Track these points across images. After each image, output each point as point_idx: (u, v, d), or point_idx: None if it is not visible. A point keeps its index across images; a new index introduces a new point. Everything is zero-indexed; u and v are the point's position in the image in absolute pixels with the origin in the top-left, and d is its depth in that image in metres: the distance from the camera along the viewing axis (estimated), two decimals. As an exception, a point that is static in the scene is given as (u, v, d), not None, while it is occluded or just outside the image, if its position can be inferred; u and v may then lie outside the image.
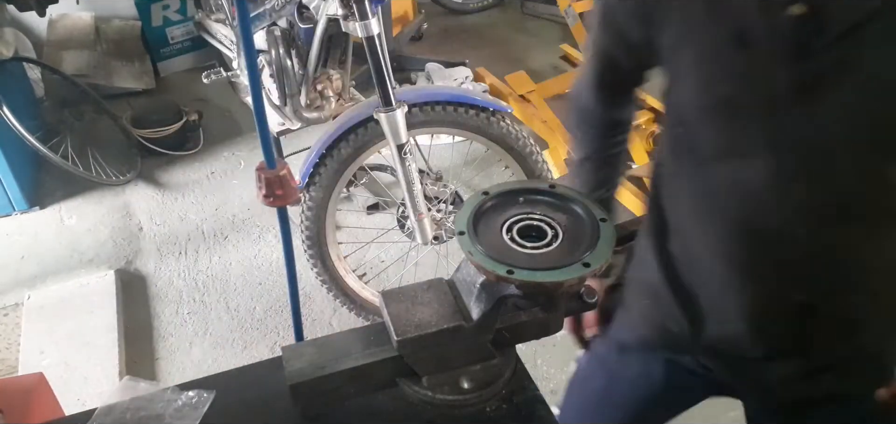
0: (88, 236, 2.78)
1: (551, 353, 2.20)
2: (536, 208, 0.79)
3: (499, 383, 0.85)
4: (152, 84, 3.78)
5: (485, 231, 0.76)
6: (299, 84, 2.32)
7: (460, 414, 0.84)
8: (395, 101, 1.80)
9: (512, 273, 0.70)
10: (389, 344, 0.80)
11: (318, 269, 2.17)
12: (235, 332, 2.34)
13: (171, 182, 3.09)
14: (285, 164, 1.40)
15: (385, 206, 2.76)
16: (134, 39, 3.79)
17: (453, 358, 0.83)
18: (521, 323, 0.82)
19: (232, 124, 3.47)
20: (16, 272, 2.62)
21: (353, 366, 0.80)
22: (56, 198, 2.98)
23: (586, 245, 0.73)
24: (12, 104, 2.68)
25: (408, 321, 0.79)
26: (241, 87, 2.79)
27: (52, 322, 2.32)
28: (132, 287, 2.53)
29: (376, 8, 1.77)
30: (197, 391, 0.88)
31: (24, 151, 2.78)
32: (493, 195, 0.81)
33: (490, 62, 3.77)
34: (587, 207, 0.79)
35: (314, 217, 2.05)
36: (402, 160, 1.85)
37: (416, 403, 0.83)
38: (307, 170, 2.00)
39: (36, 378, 1.59)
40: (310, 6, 2.09)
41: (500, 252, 0.73)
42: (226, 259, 2.64)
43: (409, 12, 4.19)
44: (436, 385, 0.82)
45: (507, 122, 2.02)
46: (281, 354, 0.82)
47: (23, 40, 3.35)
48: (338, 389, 0.81)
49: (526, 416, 0.86)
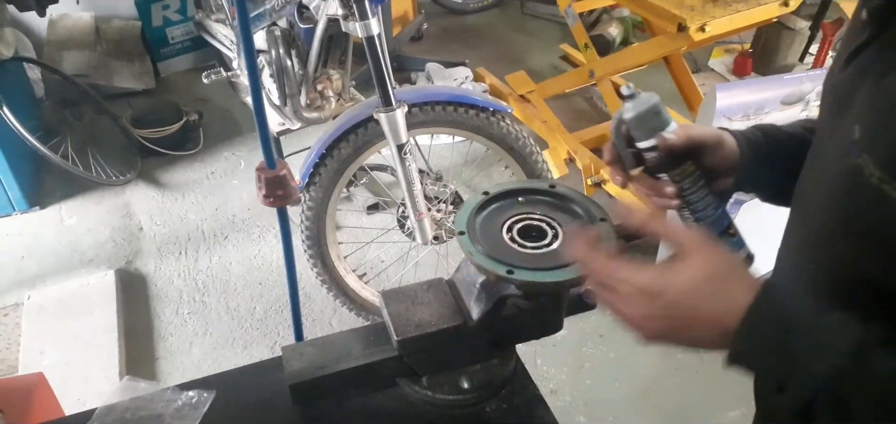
0: (88, 237, 2.78)
1: (551, 353, 2.20)
2: (536, 208, 0.80)
3: (498, 383, 0.85)
4: (152, 84, 3.78)
5: (485, 231, 0.76)
6: (299, 84, 2.32)
7: (460, 414, 0.84)
8: (395, 101, 1.80)
9: (512, 273, 0.70)
10: (389, 344, 0.80)
11: (318, 269, 2.17)
12: (235, 332, 2.35)
13: (172, 182, 3.09)
14: (285, 164, 1.40)
15: (385, 206, 2.76)
16: (134, 39, 3.79)
17: (453, 358, 0.83)
18: (521, 323, 0.82)
19: (232, 124, 3.47)
20: (16, 272, 2.61)
21: (353, 366, 0.80)
22: (56, 198, 2.98)
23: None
24: (12, 104, 2.68)
25: (408, 320, 0.79)
26: (241, 87, 2.79)
27: (53, 322, 2.32)
28: (132, 287, 2.53)
29: (376, 8, 1.77)
30: (197, 391, 0.88)
31: (24, 151, 2.78)
32: (493, 195, 0.81)
33: (490, 62, 3.77)
34: (587, 207, 0.79)
35: (314, 217, 2.05)
36: (402, 160, 1.85)
37: (416, 403, 0.83)
38: (307, 170, 2.00)
39: (36, 377, 1.60)
40: (310, 6, 2.09)
41: (500, 252, 0.73)
42: (226, 259, 2.64)
43: (409, 12, 4.19)
44: (436, 384, 0.83)
45: (507, 122, 2.02)
46: (281, 354, 0.83)
47: (23, 40, 3.35)
48: (338, 389, 0.81)
49: (526, 416, 0.86)
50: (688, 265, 0.61)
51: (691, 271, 0.61)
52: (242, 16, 1.23)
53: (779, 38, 3.42)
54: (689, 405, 2.05)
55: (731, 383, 2.08)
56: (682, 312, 0.61)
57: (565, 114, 3.38)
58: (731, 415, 1.99)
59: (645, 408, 2.05)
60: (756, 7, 2.40)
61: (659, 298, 0.61)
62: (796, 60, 3.48)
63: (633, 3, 2.69)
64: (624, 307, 0.64)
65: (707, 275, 0.60)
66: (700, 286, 0.60)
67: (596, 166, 2.74)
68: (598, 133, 3.08)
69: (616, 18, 4.04)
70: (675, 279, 0.61)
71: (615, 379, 2.13)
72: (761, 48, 3.53)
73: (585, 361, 2.19)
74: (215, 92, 3.53)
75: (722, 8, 2.38)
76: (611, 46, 3.90)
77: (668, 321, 0.61)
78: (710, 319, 0.60)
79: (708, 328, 0.60)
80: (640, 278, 0.62)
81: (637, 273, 0.63)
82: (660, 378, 2.13)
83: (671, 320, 0.61)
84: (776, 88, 2.07)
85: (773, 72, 3.43)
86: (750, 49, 3.60)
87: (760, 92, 2.06)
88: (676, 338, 0.63)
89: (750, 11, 2.39)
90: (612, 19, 4.04)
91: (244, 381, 0.92)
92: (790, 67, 3.47)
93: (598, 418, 2.03)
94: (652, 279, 0.62)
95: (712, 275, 0.60)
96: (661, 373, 2.14)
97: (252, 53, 1.27)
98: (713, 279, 0.60)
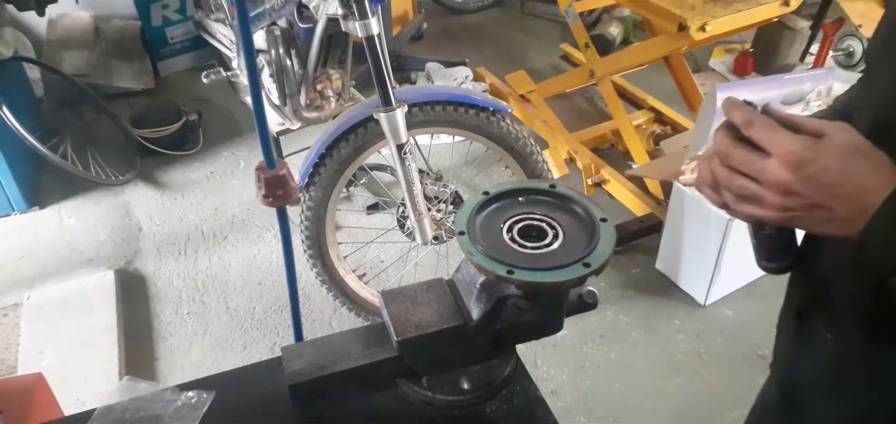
0: (88, 237, 2.78)
1: (551, 353, 2.20)
2: (537, 208, 0.79)
3: (499, 383, 0.85)
4: (152, 84, 3.78)
5: (485, 231, 0.76)
6: (299, 84, 2.32)
7: (460, 415, 0.84)
8: (394, 100, 1.80)
9: (512, 273, 0.70)
10: (389, 344, 0.80)
11: (318, 269, 2.16)
12: (235, 332, 2.34)
13: (171, 182, 3.09)
14: (285, 164, 1.40)
15: (385, 206, 2.76)
16: (133, 39, 3.79)
17: (453, 358, 0.82)
18: (522, 323, 0.82)
19: (231, 124, 3.47)
20: (15, 272, 2.61)
21: (352, 366, 0.80)
22: (55, 198, 2.98)
23: (587, 245, 0.73)
24: (12, 104, 2.67)
25: (408, 321, 0.79)
26: (240, 86, 2.79)
27: (52, 323, 2.32)
28: (131, 288, 2.53)
29: (376, 7, 1.77)
30: (196, 391, 0.88)
31: (23, 151, 2.77)
32: (493, 195, 0.80)
33: (490, 62, 3.77)
34: (587, 207, 0.79)
35: (314, 217, 2.05)
36: (402, 160, 1.85)
37: (416, 403, 0.83)
38: (307, 170, 2.00)
39: (35, 378, 1.59)
40: (310, 6, 2.09)
41: (500, 252, 0.72)
42: (225, 259, 2.64)
43: (408, 12, 4.19)
44: (436, 385, 0.82)
45: (507, 121, 2.02)
46: (280, 354, 0.82)
47: (22, 40, 3.35)
48: (337, 389, 0.81)
49: (526, 417, 0.85)
50: (836, 137, 0.60)
51: (840, 141, 0.60)
52: (242, 15, 1.23)
53: (779, 38, 3.42)
54: (690, 405, 2.04)
55: (731, 384, 2.08)
56: (829, 179, 0.59)
57: (565, 114, 3.37)
58: (731, 415, 1.99)
59: (645, 409, 2.05)
60: (757, 7, 2.40)
61: (809, 165, 0.60)
62: (797, 60, 3.48)
63: (633, 3, 2.68)
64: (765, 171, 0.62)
65: (855, 147, 0.60)
66: (850, 155, 0.59)
67: (596, 166, 2.74)
68: (599, 133, 3.08)
69: (616, 18, 4.04)
70: (825, 146, 0.59)
71: (616, 380, 2.13)
72: (762, 48, 3.53)
73: (586, 361, 2.19)
74: (215, 92, 3.53)
75: (722, 7, 2.37)
76: (611, 46, 3.90)
77: (811, 191, 0.60)
78: (854, 191, 0.59)
79: (846, 204, 0.60)
80: (792, 141, 0.60)
81: (790, 136, 0.61)
82: (660, 379, 2.12)
83: (814, 190, 0.60)
84: (777, 87, 2.07)
85: (773, 71, 3.43)
86: (750, 49, 3.59)
87: (761, 92, 2.06)
88: (806, 216, 0.62)
89: (750, 11, 2.38)
90: (613, 19, 4.04)
91: (244, 381, 0.92)
92: (791, 66, 3.47)
93: (598, 418, 2.02)
94: (804, 145, 0.60)
95: (859, 149, 0.60)
96: (661, 374, 2.14)
97: (251, 52, 1.26)
98: (860, 153, 0.60)
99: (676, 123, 3.10)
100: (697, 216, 2.24)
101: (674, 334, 2.27)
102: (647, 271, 2.49)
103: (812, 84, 2.08)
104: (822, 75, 2.11)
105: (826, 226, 0.62)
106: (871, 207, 0.58)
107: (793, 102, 2.09)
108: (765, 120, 0.63)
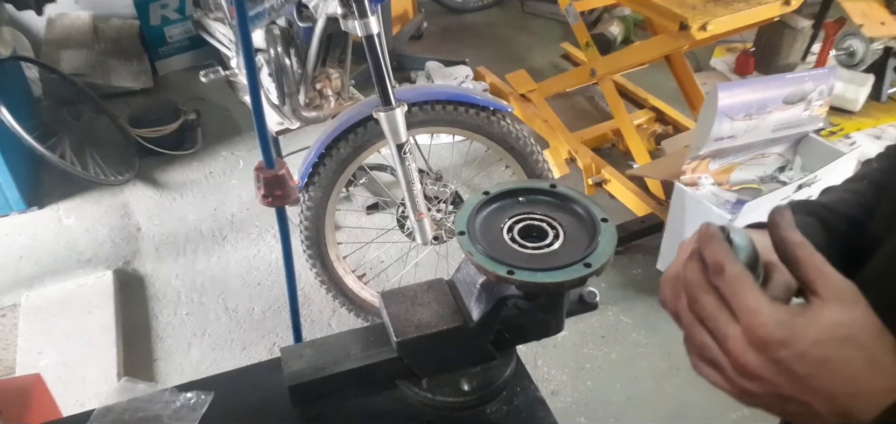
0: (86, 237, 2.77)
1: (552, 354, 2.20)
2: (537, 208, 0.79)
3: (499, 384, 0.84)
4: (150, 83, 3.78)
5: (485, 231, 0.75)
6: (298, 83, 2.32)
7: (460, 416, 0.83)
8: (394, 100, 1.79)
9: (512, 274, 0.69)
10: (389, 345, 0.79)
11: (318, 269, 2.16)
12: (234, 333, 2.34)
13: (170, 182, 3.08)
14: (284, 163, 1.39)
15: (385, 206, 2.76)
16: (132, 38, 3.78)
17: (453, 359, 0.82)
18: (522, 324, 0.81)
19: (230, 124, 3.46)
20: (14, 272, 2.61)
21: (352, 367, 0.79)
22: (54, 198, 2.97)
23: (587, 245, 0.72)
24: (10, 104, 2.67)
25: (408, 321, 0.79)
26: (239, 86, 2.78)
27: (50, 323, 2.31)
28: (130, 288, 2.52)
29: (376, 6, 1.76)
30: (195, 392, 0.87)
31: (21, 150, 2.77)
32: (493, 195, 0.80)
33: (490, 61, 3.77)
34: (588, 207, 0.78)
35: (313, 217, 2.04)
36: (402, 160, 1.84)
37: (416, 404, 0.83)
38: (306, 170, 1.99)
39: (33, 378, 1.59)
40: (309, 5, 2.08)
41: (500, 252, 0.72)
42: (224, 260, 2.64)
43: (408, 11, 4.18)
44: (436, 386, 0.82)
45: (507, 121, 2.01)
46: (280, 355, 0.82)
47: (21, 39, 3.35)
48: (337, 390, 0.81)
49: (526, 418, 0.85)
50: (825, 313, 0.47)
51: (829, 321, 0.46)
52: (241, 14, 1.22)
53: (781, 38, 3.41)
54: (691, 406, 2.04)
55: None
56: (804, 370, 0.46)
57: (566, 113, 3.37)
58: (732, 416, 1.99)
59: (646, 410, 2.04)
60: (758, 6, 2.39)
61: (780, 348, 0.46)
62: (798, 59, 3.47)
63: (634, 2, 2.68)
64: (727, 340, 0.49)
65: (848, 335, 0.46)
66: (839, 344, 0.46)
67: (597, 166, 2.74)
68: (599, 132, 3.08)
69: (617, 17, 4.03)
70: (807, 325, 0.46)
71: (616, 381, 2.12)
72: (763, 47, 3.53)
73: (586, 362, 2.19)
74: (214, 91, 3.53)
75: (723, 7, 2.37)
76: (612, 45, 3.89)
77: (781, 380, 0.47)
78: (837, 391, 0.46)
79: (827, 404, 0.46)
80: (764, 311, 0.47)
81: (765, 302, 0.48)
82: (661, 379, 2.12)
83: (785, 379, 0.47)
84: (778, 87, 2.06)
85: (775, 71, 3.42)
86: (752, 48, 3.59)
87: (762, 91, 2.05)
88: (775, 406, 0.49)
89: (752, 10, 2.38)
90: (614, 18, 4.03)
91: (243, 382, 0.91)
92: (792, 66, 3.46)
93: (599, 419, 2.02)
94: (779, 318, 0.47)
95: (852, 337, 0.46)
96: (662, 375, 2.13)
97: (250, 51, 1.26)
98: (853, 341, 0.46)
99: (678, 123, 3.10)
100: (698, 217, 2.24)
101: (675, 334, 2.25)
102: (648, 271, 2.48)
103: (813, 83, 2.08)
104: (823, 75, 2.11)
105: (802, 421, 0.49)
106: (861, 414, 0.45)
107: (794, 101, 2.09)
108: (738, 272, 0.49)
